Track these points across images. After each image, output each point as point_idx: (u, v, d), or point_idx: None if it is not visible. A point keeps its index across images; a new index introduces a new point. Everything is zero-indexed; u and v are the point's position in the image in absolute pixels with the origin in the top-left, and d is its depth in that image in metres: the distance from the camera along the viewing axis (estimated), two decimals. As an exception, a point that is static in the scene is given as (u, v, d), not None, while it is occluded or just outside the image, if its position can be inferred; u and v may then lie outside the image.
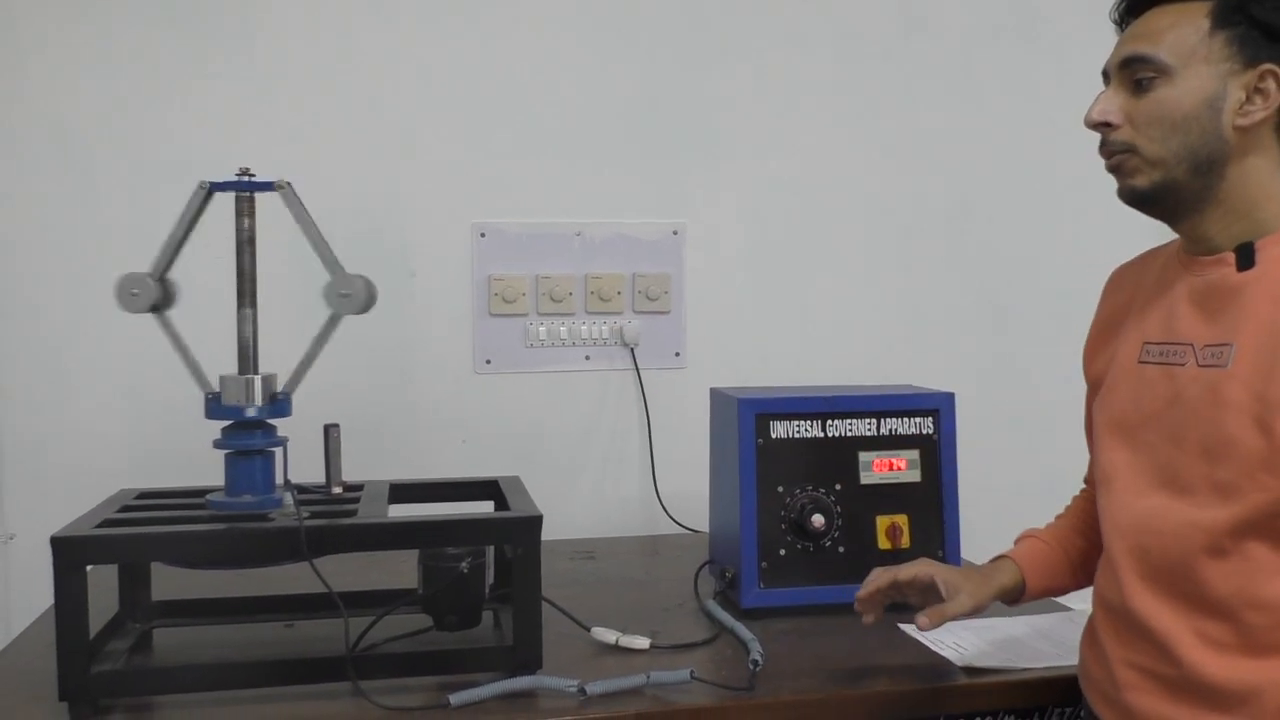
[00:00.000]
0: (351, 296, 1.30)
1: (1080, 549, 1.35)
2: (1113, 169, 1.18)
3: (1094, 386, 1.30)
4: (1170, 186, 1.14)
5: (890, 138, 2.21)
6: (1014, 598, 1.34)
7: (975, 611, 1.30)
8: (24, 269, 1.90)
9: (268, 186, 1.32)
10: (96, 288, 1.90)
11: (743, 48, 2.14)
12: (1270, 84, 1.10)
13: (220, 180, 1.31)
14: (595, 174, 2.10)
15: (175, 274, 1.34)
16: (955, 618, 1.28)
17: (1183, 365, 1.15)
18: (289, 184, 1.32)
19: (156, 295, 1.32)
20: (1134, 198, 1.17)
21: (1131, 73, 1.15)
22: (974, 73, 2.24)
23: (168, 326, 1.32)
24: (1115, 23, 1.21)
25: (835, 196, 2.20)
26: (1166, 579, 1.13)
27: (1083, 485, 1.43)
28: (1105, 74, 1.19)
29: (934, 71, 2.22)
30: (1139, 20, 1.17)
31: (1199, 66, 1.11)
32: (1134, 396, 1.20)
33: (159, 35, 1.91)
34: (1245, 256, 1.13)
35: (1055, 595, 1.37)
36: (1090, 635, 1.25)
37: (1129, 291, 1.29)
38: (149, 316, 1.32)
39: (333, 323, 1.32)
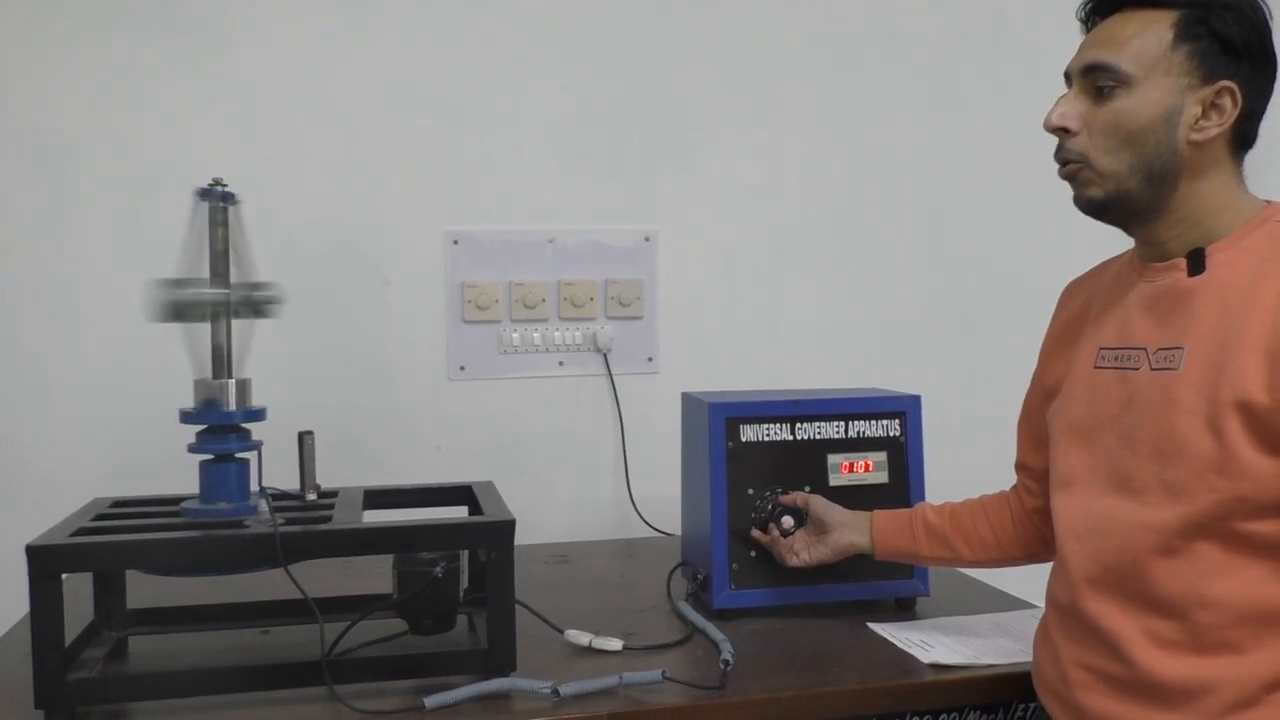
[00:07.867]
0: (281, 302, 1.34)
1: (964, 529, 1.46)
2: (1067, 177, 1.20)
3: (1050, 393, 1.32)
4: (1124, 197, 1.16)
5: (860, 143, 2.24)
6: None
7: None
8: (-4, 278, 1.90)
9: (231, 198, 1.33)
10: (70, 296, 1.92)
11: (714, 54, 2.16)
12: (1226, 100, 1.12)
13: (201, 189, 1.32)
14: (567, 181, 2.11)
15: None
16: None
17: (1136, 369, 1.17)
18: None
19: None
20: (1089, 207, 1.19)
21: (1093, 79, 1.16)
22: (944, 78, 2.27)
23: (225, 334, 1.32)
24: (1080, 21, 1.21)
25: (805, 202, 2.22)
26: (1117, 579, 1.15)
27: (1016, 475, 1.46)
28: (1067, 76, 1.20)
29: (904, 77, 2.25)
30: (1104, 24, 1.17)
31: (1159, 79, 1.12)
32: (1089, 401, 1.22)
33: (132, 47, 1.91)
34: (1196, 262, 1.15)
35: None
36: (1043, 635, 1.27)
37: (1084, 300, 1.31)
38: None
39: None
